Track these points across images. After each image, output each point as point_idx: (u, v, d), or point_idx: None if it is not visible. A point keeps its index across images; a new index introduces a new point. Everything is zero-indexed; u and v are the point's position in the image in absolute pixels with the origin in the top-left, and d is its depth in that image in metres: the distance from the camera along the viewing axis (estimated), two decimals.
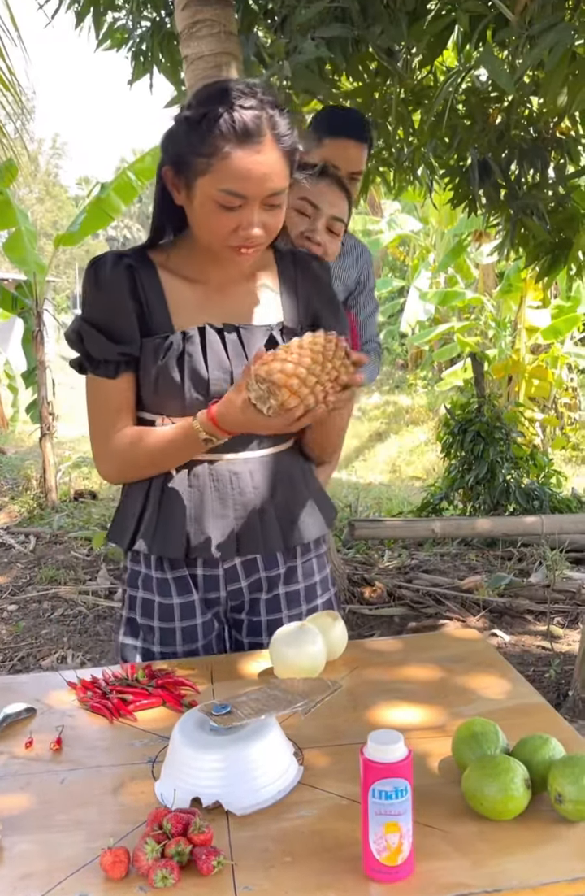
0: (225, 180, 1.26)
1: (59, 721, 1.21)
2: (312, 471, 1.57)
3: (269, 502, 1.43)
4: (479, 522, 4.73)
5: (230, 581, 1.45)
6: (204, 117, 1.26)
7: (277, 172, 1.28)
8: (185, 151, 1.28)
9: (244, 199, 1.27)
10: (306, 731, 1.17)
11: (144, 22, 4.30)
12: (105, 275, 1.36)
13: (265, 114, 1.26)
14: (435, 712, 1.24)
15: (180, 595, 1.44)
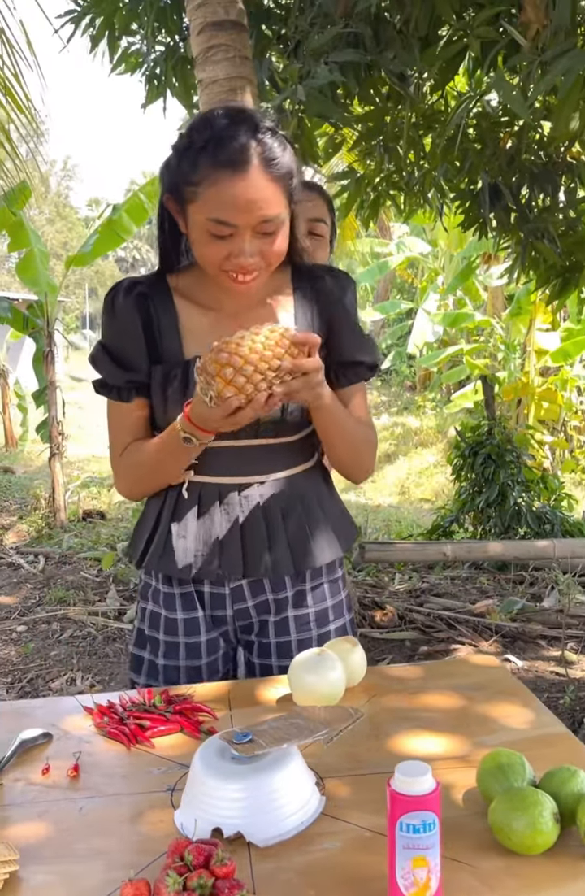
0: (213, 209, 1.25)
1: (75, 747, 1.20)
2: (331, 493, 1.55)
3: (280, 526, 1.43)
4: (491, 546, 4.70)
5: (236, 600, 1.46)
6: (191, 146, 1.26)
7: (267, 199, 1.25)
8: (177, 180, 1.29)
9: (233, 227, 1.25)
10: (327, 759, 1.15)
11: (158, 47, 4.34)
12: (118, 303, 1.40)
13: (253, 139, 1.25)
14: (458, 742, 1.22)
15: (185, 610, 1.45)
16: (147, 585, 1.51)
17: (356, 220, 7.74)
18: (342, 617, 1.55)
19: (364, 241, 12.22)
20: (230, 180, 1.23)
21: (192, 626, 1.46)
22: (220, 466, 1.41)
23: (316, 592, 1.50)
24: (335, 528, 1.51)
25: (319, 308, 1.43)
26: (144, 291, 1.39)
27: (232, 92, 3.19)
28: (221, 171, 1.23)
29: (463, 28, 3.58)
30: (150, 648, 1.49)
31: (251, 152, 1.24)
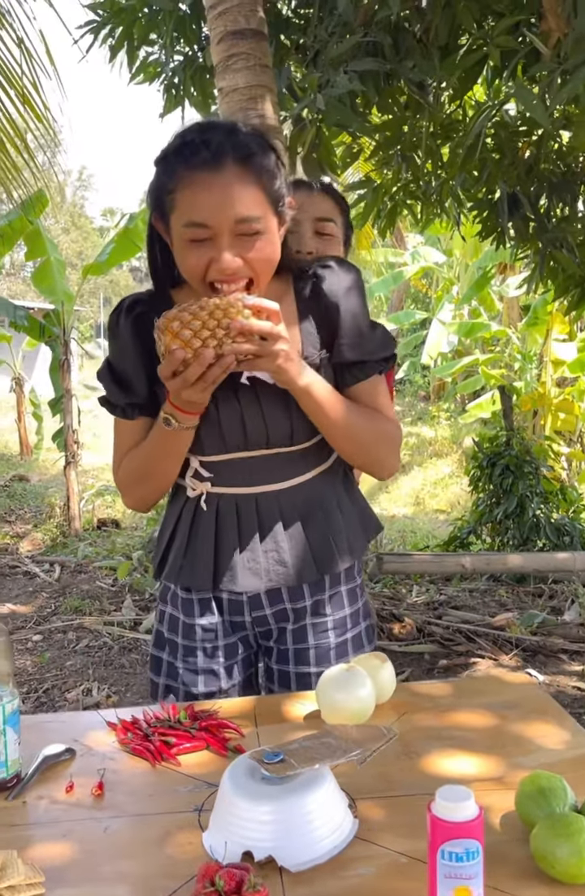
0: (187, 212, 1.21)
1: (99, 764, 1.17)
2: (351, 490, 1.52)
3: (300, 533, 1.41)
4: (510, 558, 4.64)
5: (254, 608, 1.45)
6: (166, 154, 1.24)
7: (242, 198, 1.20)
8: (158, 194, 1.26)
9: (208, 229, 1.21)
10: (358, 780, 1.12)
11: (177, 56, 4.34)
12: (120, 324, 1.38)
13: (227, 138, 1.21)
14: (493, 763, 1.18)
15: (203, 616, 1.45)
16: (166, 589, 1.52)
17: (372, 229, 7.72)
18: (359, 625, 1.52)
19: (378, 251, 12.20)
20: (202, 180, 1.19)
21: (210, 631, 1.46)
22: (236, 477, 1.39)
23: (335, 600, 1.48)
24: (357, 526, 1.49)
25: (322, 312, 1.37)
26: (145, 311, 1.36)
27: (252, 100, 3.19)
28: (194, 172, 1.20)
29: (483, 37, 3.56)
30: (169, 650, 1.49)
31: (224, 150, 1.20)
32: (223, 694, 1.46)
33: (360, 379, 1.39)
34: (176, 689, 1.47)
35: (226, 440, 1.36)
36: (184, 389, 1.20)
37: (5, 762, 1.09)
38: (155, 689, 1.51)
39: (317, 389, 1.30)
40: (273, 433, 1.36)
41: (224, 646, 1.46)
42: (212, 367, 1.18)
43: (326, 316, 1.37)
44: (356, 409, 1.38)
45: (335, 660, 1.46)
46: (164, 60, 4.39)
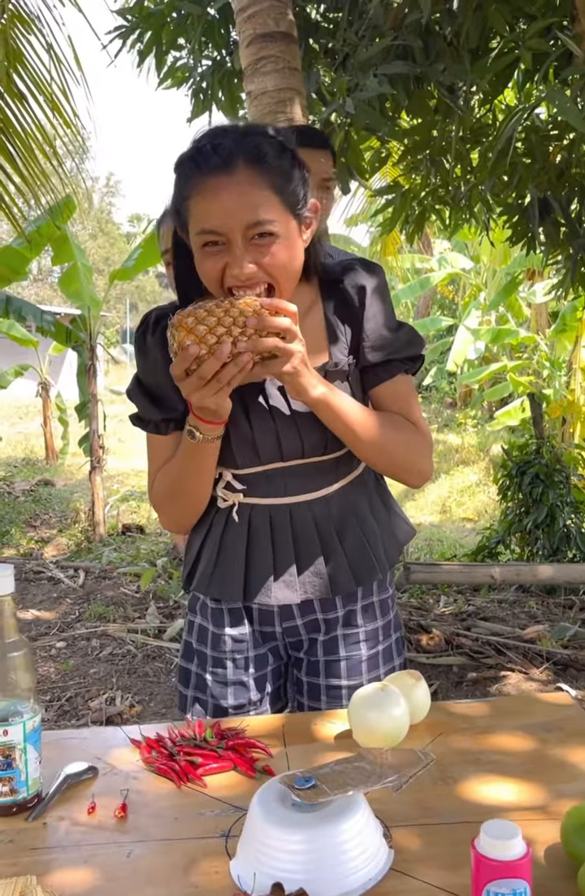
0: (200, 219, 1.17)
1: (123, 783, 1.13)
2: (385, 495, 1.48)
3: (335, 544, 1.37)
4: (540, 569, 4.54)
5: (285, 618, 1.41)
6: (181, 162, 1.20)
7: (255, 201, 1.15)
8: (176, 203, 1.22)
9: (221, 235, 1.16)
10: (392, 806, 1.06)
11: (205, 61, 4.33)
12: (148, 339, 1.34)
13: (239, 141, 1.16)
14: (534, 790, 1.12)
15: (233, 626, 1.42)
16: (195, 598, 1.49)
17: (399, 235, 7.66)
18: (389, 637, 1.48)
19: (405, 257, 12.12)
20: (214, 184, 1.15)
21: (240, 641, 1.43)
22: (270, 488, 1.36)
23: (367, 611, 1.45)
24: (392, 532, 1.46)
25: (348, 316, 1.34)
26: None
27: (280, 104, 3.16)
28: (205, 178, 1.16)
29: (515, 40, 3.51)
30: (198, 662, 1.46)
31: (235, 153, 1.15)
32: (252, 706, 1.43)
33: (384, 379, 1.35)
34: (204, 702, 1.44)
35: (261, 454, 1.33)
36: (198, 391, 1.14)
37: (26, 781, 1.05)
38: (183, 701, 1.48)
39: (335, 400, 1.25)
40: (308, 443, 1.32)
41: (254, 657, 1.43)
42: (228, 366, 1.12)
43: (352, 320, 1.33)
44: (381, 418, 1.32)
45: (366, 672, 1.42)
46: (192, 65, 4.38)
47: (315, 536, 1.36)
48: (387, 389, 1.36)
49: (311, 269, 1.32)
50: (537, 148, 4.12)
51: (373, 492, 1.45)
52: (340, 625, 1.42)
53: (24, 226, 6.31)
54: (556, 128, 4.11)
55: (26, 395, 15.27)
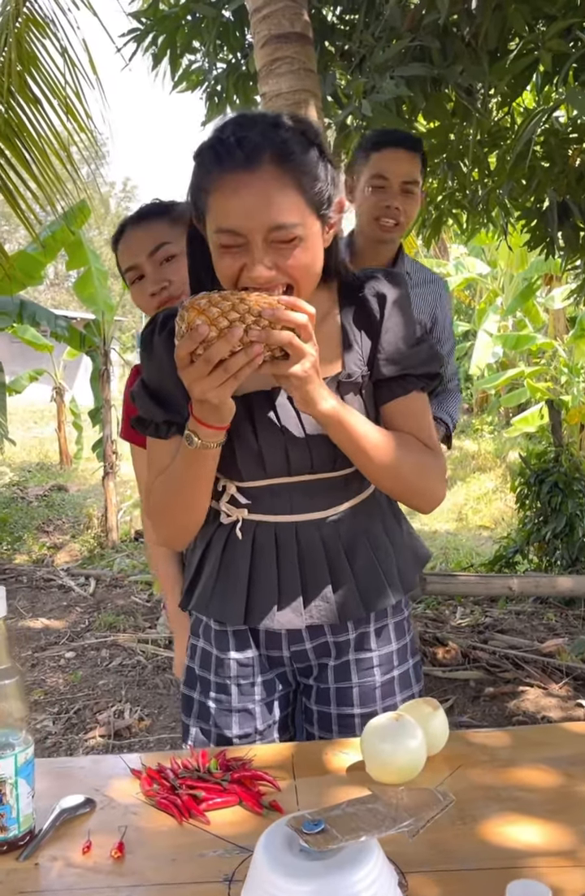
0: (218, 217, 1.10)
1: (121, 819, 1.06)
2: (398, 516, 1.40)
3: (344, 566, 1.30)
4: (560, 581, 4.44)
5: (293, 642, 1.34)
6: (201, 151, 1.12)
7: (278, 202, 1.08)
8: (194, 193, 1.15)
9: (241, 235, 1.09)
10: (408, 849, 0.99)
11: (220, 64, 4.29)
12: (155, 340, 1.28)
13: (265, 135, 1.08)
14: (560, 832, 1.04)
15: (238, 650, 1.35)
16: (198, 621, 1.41)
17: (415, 239, 7.58)
18: (406, 662, 1.40)
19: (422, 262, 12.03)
20: (235, 182, 1.08)
21: (246, 666, 1.35)
22: (276, 504, 1.28)
23: (381, 634, 1.36)
24: (407, 555, 1.38)
25: (367, 327, 1.27)
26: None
27: (295, 105, 3.09)
28: (227, 174, 1.08)
29: (534, 41, 3.44)
30: (201, 689, 1.38)
31: (260, 149, 1.07)
32: (258, 735, 1.35)
33: (398, 394, 1.27)
34: (207, 732, 1.36)
35: (267, 466, 1.25)
36: (202, 379, 1.04)
37: (17, 818, 0.98)
38: (186, 731, 1.40)
39: (346, 416, 1.17)
40: (317, 458, 1.25)
41: (261, 682, 1.36)
42: (237, 355, 1.03)
43: (370, 331, 1.26)
44: (394, 440, 1.24)
45: (380, 700, 1.35)
46: (207, 68, 4.34)
47: (322, 558, 1.29)
48: (400, 406, 1.28)
49: (331, 272, 1.25)
50: (556, 151, 4.05)
51: (387, 512, 1.37)
52: (352, 649, 1.35)
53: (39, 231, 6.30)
54: (576, 130, 4.04)
55: (41, 399, 15.31)
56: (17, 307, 6.75)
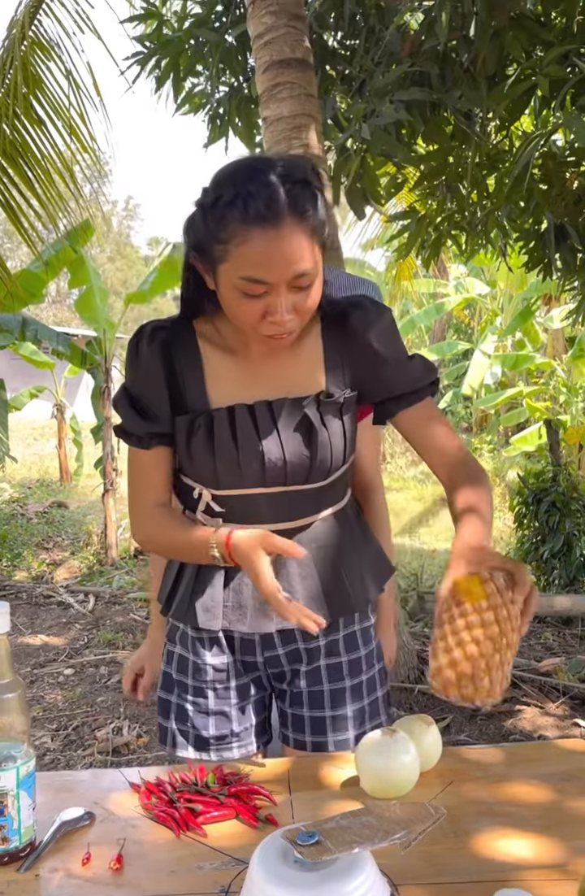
0: (244, 267, 1.15)
1: (120, 832, 1.08)
2: (364, 531, 1.47)
3: (312, 576, 1.35)
4: (558, 600, 4.46)
5: (266, 648, 1.39)
6: (217, 201, 1.16)
7: (301, 253, 1.15)
8: (204, 239, 1.19)
9: (267, 284, 1.15)
10: (400, 861, 1.01)
11: (222, 87, 4.35)
12: (142, 349, 1.31)
13: (282, 191, 1.14)
14: (552, 846, 1.07)
15: (214, 655, 1.41)
16: (174, 628, 1.47)
17: (414, 260, 7.64)
18: (372, 667, 1.45)
19: (421, 282, 12.10)
20: (261, 237, 1.13)
21: (221, 671, 1.41)
22: (249, 514, 1.32)
23: (349, 641, 1.42)
24: (371, 568, 1.44)
25: (352, 350, 1.32)
26: (167, 339, 1.31)
27: (296, 129, 3.15)
28: (252, 228, 1.13)
29: (532, 67, 3.50)
30: (178, 692, 1.44)
31: (281, 205, 1.14)
32: (235, 737, 1.40)
33: (414, 401, 1.35)
34: (185, 733, 1.41)
35: (244, 476, 1.29)
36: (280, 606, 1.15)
37: (18, 829, 1.00)
38: (164, 733, 1.45)
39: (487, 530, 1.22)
40: (291, 471, 1.29)
41: (236, 686, 1.41)
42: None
43: (357, 355, 1.32)
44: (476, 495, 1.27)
45: (350, 702, 1.39)
46: (210, 91, 4.40)
47: (293, 566, 1.34)
48: (417, 412, 1.35)
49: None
50: (554, 174, 4.10)
51: (355, 526, 1.44)
52: (322, 655, 1.40)
53: (41, 249, 6.35)
54: (573, 154, 4.09)
55: (41, 416, 15.35)
56: (19, 324, 6.79)
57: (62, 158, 4.44)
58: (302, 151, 3.08)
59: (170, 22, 4.28)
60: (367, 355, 1.31)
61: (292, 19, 3.20)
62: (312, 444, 1.29)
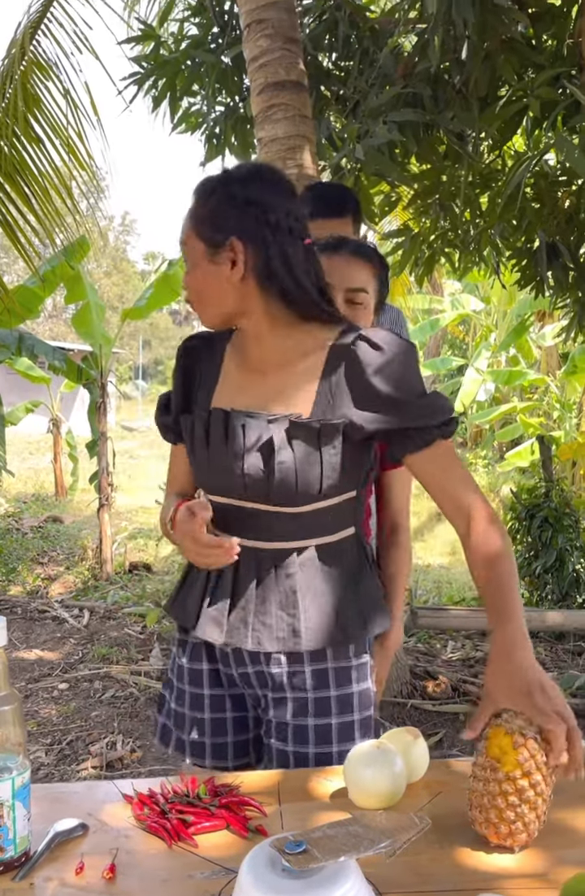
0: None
1: (113, 842, 1.10)
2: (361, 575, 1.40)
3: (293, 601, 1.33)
4: (550, 615, 4.49)
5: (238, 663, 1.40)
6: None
7: (184, 235, 1.34)
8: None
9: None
10: (386, 870, 1.03)
11: (218, 107, 4.41)
12: (177, 352, 1.48)
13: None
14: (534, 855, 1.09)
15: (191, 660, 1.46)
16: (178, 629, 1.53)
17: (408, 277, 7.70)
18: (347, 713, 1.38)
19: (416, 298, 12.18)
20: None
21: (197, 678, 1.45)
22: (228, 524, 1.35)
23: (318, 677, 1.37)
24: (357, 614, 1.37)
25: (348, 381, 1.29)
26: (197, 344, 1.44)
27: (291, 150, 3.20)
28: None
29: (523, 88, 3.55)
30: (169, 690, 1.51)
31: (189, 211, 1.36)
32: (211, 750, 1.43)
33: (421, 446, 1.29)
34: (169, 731, 1.48)
35: (213, 480, 1.37)
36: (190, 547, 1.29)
37: (13, 839, 1.03)
38: (155, 726, 1.54)
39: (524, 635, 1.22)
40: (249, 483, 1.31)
41: (209, 696, 1.44)
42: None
43: (359, 390, 1.29)
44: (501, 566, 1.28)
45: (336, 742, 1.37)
46: (206, 111, 4.46)
47: (273, 587, 1.33)
48: (427, 457, 1.30)
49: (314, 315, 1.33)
50: (546, 193, 4.16)
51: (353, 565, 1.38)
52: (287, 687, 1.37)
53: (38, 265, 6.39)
54: (565, 174, 4.14)
55: (37, 430, 15.36)
56: (16, 340, 6.83)
57: (59, 175, 4.49)
58: (296, 172, 3.13)
59: (166, 43, 4.34)
60: (369, 392, 1.27)
61: (287, 42, 3.26)
62: (271, 462, 1.27)
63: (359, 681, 1.40)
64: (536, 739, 1.10)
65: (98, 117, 4.60)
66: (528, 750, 1.08)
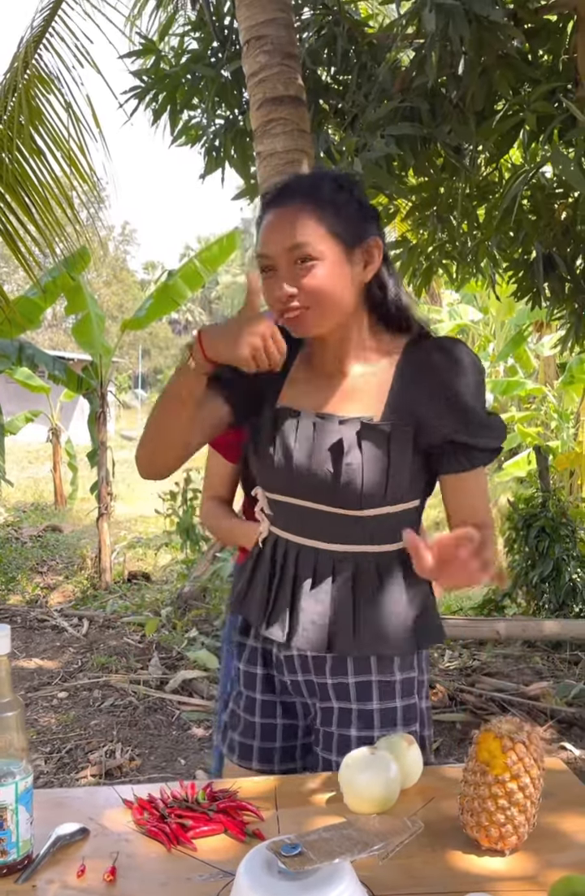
0: (258, 247, 1.30)
1: (113, 845, 1.13)
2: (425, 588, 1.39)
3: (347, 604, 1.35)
4: (547, 625, 4.51)
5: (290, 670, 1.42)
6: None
7: (300, 225, 1.24)
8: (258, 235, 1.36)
9: (269, 258, 1.27)
10: (380, 873, 1.06)
11: (218, 120, 4.44)
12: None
13: (299, 179, 1.31)
14: (524, 859, 1.12)
15: (247, 663, 1.48)
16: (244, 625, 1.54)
17: (407, 287, 7.74)
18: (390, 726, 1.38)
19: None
20: (270, 213, 1.29)
21: (251, 681, 1.48)
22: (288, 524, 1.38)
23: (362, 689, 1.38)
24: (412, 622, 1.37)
25: (419, 386, 1.30)
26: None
27: (289, 164, 3.23)
28: (266, 210, 1.30)
29: (520, 103, 3.60)
30: (231, 690, 1.54)
31: (291, 189, 1.29)
32: (259, 754, 1.46)
33: (466, 468, 1.31)
34: (226, 732, 1.53)
35: (276, 478, 1.36)
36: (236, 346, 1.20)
37: (16, 842, 1.05)
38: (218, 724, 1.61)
39: None
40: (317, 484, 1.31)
41: (261, 701, 1.46)
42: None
43: (428, 395, 1.29)
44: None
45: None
46: (206, 124, 4.49)
47: (329, 589, 1.34)
48: (467, 480, 1.32)
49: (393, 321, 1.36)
50: (542, 205, 4.20)
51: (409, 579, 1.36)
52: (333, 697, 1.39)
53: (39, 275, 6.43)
54: (561, 186, 4.18)
55: (37, 440, 15.37)
56: (16, 350, 6.86)
57: (60, 186, 4.53)
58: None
59: (167, 57, 4.38)
60: (440, 398, 1.28)
61: (286, 58, 3.29)
62: (339, 464, 1.28)
63: (404, 696, 1.40)
64: (524, 744, 1.13)
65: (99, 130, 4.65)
66: (517, 753, 1.12)
